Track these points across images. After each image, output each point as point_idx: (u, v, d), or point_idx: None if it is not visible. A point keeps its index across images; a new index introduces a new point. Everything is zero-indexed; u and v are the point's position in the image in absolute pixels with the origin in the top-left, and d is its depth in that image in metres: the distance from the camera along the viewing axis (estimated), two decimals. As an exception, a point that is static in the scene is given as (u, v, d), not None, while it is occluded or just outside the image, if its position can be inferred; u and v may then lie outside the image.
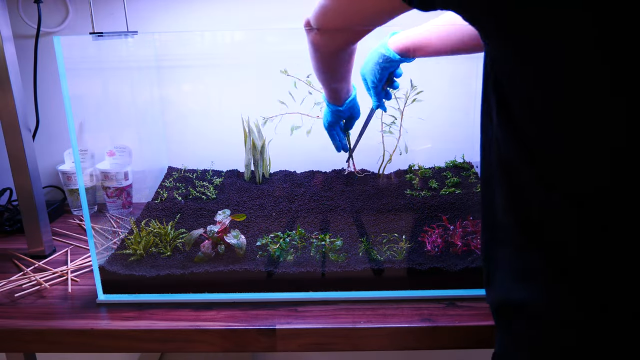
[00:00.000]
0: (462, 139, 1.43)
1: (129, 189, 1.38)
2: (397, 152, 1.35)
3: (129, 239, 1.11)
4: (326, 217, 1.19)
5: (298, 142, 1.33)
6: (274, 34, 1.37)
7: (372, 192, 1.29)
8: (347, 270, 1.02)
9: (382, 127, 1.31)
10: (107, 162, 1.38)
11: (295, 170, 1.44)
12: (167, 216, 1.22)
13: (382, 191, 1.29)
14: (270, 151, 1.41)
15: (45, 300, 1.04)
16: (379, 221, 1.16)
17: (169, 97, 1.46)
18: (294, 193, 1.29)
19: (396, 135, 1.32)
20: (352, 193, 1.28)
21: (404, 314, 0.96)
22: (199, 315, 0.97)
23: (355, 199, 1.25)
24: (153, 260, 1.07)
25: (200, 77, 1.45)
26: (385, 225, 1.14)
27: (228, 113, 1.43)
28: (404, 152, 1.34)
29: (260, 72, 1.42)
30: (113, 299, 1.03)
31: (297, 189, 1.32)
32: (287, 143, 1.33)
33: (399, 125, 1.31)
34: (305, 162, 1.42)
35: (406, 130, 1.31)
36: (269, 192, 1.31)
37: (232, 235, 1.07)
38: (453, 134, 1.43)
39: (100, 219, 1.31)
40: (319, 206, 1.23)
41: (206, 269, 1.03)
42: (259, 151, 1.37)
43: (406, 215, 1.18)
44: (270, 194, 1.30)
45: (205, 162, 1.47)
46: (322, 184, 1.33)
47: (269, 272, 1.02)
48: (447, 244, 1.06)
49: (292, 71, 1.32)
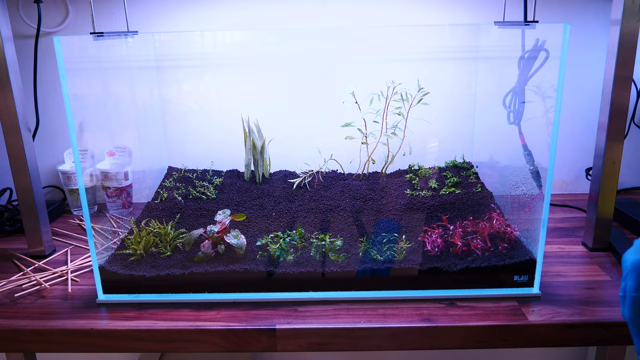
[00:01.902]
0: (462, 139, 1.44)
1: (129, 189, 1.38)
2: (401, 153, 1.35)
3: (129, 239, 1.11)
4: (326, 217, 1.19)
5: (297, 142, 1.33)
6: (274, 34, 1.37)
7: (372, 192, 1.29)
8: (347, 270, 1.02)
9: (385, 129, 1.31)
10: (107, 162, 1.38)
11: (295, 171, 1.43)
12: (167, 216, 1.22)
13: (383, 191, 1.29)
14: (270, 151, 1.41)
15: (45, 300, 1.04)
16: (379, 221, 1.16)
17: (169, 97, 1.46)
18: (294, 193, 1.29)
19: (400, 136, 1.32)
20: (352, 193, 1.28)
21: (403, 314, 0.96)
22: (199, 315, 0.97)
23: (356, 199, 1.25)
24: (153, 260, 1.07)
25: (200, 77, 1.45)
26: (385, 225, 1.14)
27: (228, 113, 1.43)
28: (408, 154, 1.34)
29: (260, 72, 1.42)
30: (113, 299, 1.03)
31: (297, 190, 1.32)
32: (287, 143, 1.34)
33: (404, 127, 1.31)
34: (304, 162, 1.42)
35: (411, 131, 1.31)
36: (269, 192, 1.31)
37: (232, 235, 1.07)
38: (453, 134, 1.43)
39: (100, 219, 1.31)
40: (319, 206, 1.23)
41: (206, 269, 1.03)
42: (259, 151, 1.37)
43: (406, 215, 1.18)
44: (270, 194, 1.30)
45: (205, 162, 1.47)
46: (323, 184, 1.33)
47: (269, 272, 1.02)
48: (447, 244, 1.06)
49: (294, 72, 1.33)
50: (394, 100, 1.28)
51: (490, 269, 1.00)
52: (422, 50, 1.39)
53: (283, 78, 1.41)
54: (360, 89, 1.25)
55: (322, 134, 1.36)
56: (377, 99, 1.29)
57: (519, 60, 1.10)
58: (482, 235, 1.06)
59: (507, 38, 1.21)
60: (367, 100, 1.29)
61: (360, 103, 1.29)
